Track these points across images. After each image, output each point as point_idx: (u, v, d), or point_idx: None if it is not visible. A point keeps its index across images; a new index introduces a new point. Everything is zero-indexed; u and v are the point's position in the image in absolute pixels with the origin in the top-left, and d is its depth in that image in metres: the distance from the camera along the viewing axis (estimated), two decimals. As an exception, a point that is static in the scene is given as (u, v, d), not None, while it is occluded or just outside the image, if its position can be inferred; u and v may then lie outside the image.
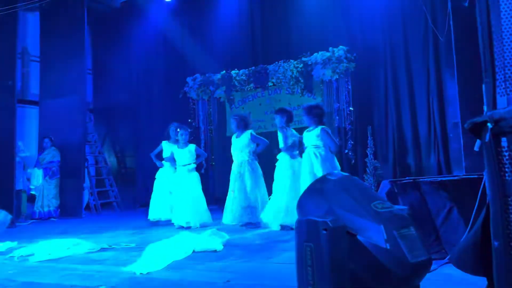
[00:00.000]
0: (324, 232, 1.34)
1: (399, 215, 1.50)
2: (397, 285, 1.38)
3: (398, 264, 1.36)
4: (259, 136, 5.56)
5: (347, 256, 1.35)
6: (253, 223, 5.22)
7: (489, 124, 1.22)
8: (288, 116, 5.15)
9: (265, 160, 5.75)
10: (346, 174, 1.71)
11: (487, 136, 1.23)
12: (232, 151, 5.53)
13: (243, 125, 5.47)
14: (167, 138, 6.17)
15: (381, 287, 1.37)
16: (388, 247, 1.36)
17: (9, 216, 1.68)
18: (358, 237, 1.39)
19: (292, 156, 5.06)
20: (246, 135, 5.42)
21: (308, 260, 1.38)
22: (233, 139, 5.55)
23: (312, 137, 4.75)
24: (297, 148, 5.13)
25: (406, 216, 1.52)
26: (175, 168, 5.85)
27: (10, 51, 7.21)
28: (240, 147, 5.39)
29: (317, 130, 4.72)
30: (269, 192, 5.37)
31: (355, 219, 1.42)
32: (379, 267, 1.35)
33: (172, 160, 5.89)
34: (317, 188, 1.60)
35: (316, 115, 4.76)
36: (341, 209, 1.46)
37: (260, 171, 5.43)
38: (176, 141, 5.96)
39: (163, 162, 6.12)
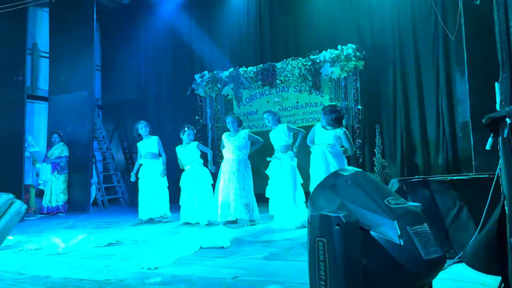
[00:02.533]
0: (337, 227, 1.32)
1: (413, 211, 1.48)
2: (410, 282, 1.36)
3: (412, 261, 1.34)
4: (255, 136, 5.51)
5: (360, 251, 1.34)
6: (253, 220, 5.22)
7: (508, 120, 1.19)
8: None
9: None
10: (359, 169, 1.69)
11: (506, 131, 1.21)
12: (227, 149, 5.41)
13: (238, 125, 5.46)
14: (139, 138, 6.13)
15: (395, 283, 1.36)
16: (402, 243, 1.34)
17: (25, 206, 1.67)
18: (371, 232, 1.37)
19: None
20: (243, 134, 5.39)
21: (320, 255, 1.37)
22: (228, 137, 5.43)
23: (329, 136, 4.58)
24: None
25: (420, 213, 1.49)
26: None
27: (20, 47, 7.27)
28: (238, 145, 5.35)
29: (338, 131, 4.55)
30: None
31: (368, 215, 1.40)
32: (393, 263, 1.34)
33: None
34: (330, 183, 1.59)
35: (336, 119, 4.59)
36: (353, 204, 1.44)
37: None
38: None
39: (142, 160, 6.01)
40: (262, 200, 5.36)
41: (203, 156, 5.88)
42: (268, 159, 5.24)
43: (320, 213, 1.39)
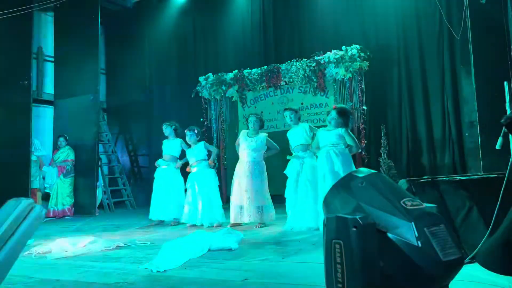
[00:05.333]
0: (354, 229, 1.32)
1: (430, 212, 1.47)
2: (428, 283, 1.35)
3: (430, 263, 1.34)
4: (273, 142, 5.45)
5: (378, 254, 1.33)
6: (265, 223, 5.19)
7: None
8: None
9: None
10: (374, 171, 1.68)
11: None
12: (242, 150, 5.36)
13: (260, 126, 5.42)
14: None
15: (412, 285, 1.35)
16: (420, 245, 1.33)
17: (44, 211, 1.68)
18: (389, 234, 1.37)
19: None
20: (261, 138, 5.31)
21: (337, 258, 1.36)
22: (245, 137, 5.35)
23: (332, 136, 4.60)
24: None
25: (437, 214, 1.49)
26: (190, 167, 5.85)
27: (25, 51, 7.33)
28: (255, 147, 5.30)
29: (340, 130, 4.57)
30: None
31: (385, 216, 1.39)
32: (411, 265, 1.33)
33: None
34: (344, 185, 1.58)
35: (347, 120, 4.65)
36: (370, 206, 1.43)
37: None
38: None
39: (160, 161, 6.10)
40: (279, 201, 5.34)
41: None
42: (288, 157, 5.12)
43: (337, 215, 1.39)
